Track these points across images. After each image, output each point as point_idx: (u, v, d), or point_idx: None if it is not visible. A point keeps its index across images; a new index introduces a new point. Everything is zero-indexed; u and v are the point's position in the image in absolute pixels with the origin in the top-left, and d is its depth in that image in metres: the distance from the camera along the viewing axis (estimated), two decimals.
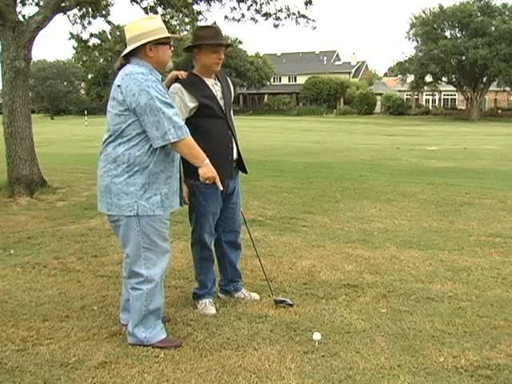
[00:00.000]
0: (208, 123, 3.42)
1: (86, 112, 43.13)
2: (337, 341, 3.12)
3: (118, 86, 2.90)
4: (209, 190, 3.39)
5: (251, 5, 10.05)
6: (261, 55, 61.90)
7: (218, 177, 3.07)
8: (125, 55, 3.01)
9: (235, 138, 3.58)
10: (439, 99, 58.03)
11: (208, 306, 3.60)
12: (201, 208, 3.50)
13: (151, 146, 2.90)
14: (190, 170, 3.21)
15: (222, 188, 3.13)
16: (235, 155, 3.60)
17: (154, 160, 2.93)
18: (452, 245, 5.20)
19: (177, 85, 3.38)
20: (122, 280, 3.46)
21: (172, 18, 10.33)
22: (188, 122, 3.33)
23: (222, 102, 3.48)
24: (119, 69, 3.00)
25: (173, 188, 3.07)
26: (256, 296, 3.81)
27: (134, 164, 2.91)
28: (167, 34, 3.00)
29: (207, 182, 3.06)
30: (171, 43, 3.06)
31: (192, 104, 3.37)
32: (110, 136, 2.96)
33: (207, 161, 3.01)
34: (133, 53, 2.97)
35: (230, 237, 3.75)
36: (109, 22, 10.81)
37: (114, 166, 2.94)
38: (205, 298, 3.65)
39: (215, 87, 3.49)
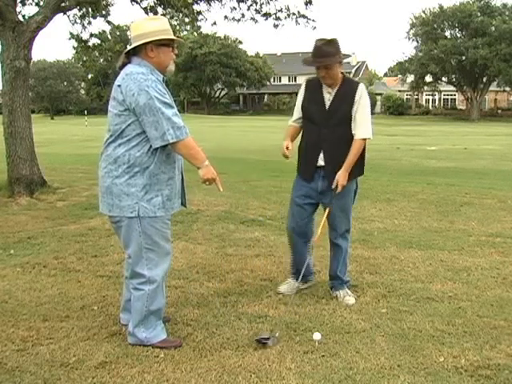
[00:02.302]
0: (305, 125, 3.76)
1: (86, 112, 43.10)
2: (337, 341, 3.12)
3: (119, 85, 2.89)
4: (296, 179, 3.86)
5: (251, 5, 10.05)
6: (261, 55, 61.91)
7: (218, 178, 3.05)
8: (127, 54, 3.00)
9: (325, 147, 3.66)
10: (439, 99, 58.05)
11: (282, 285, 3.92)
12: (291, 195, 3.92)
13: (151, 146, 2.89)
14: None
15: (221, 189, 3.11)
16: (321, 162, 3.71)
17: (154, 161, 2.92)
18: (452, 245, 5.20)
19: (304, 82, 3.80)
20: (122, 280, 3.47)
21: (172, 18, 10.33)
22: None
23: (326, 111, 3.64)
24: (121, 68, 2.99)
25: (175, 189, 3.06)
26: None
27: (134, 165, 2.91)
28: (170, 36, 2.97)
29: (207, 183, 3.04)
30: (174, 46, 3.05)
31: (300, 105, 3.75)
32: (111, 136, 2.95)
33: (207, 162, 2.99)
34: (135, 52, 2.97)
35: (330, 235, 3.93)
36: (109, 22, 10.82)
37: (114, 166, 2.93)
38: (289, 278, 3.96)
39: (326, 95, 3.67)
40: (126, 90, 2.85)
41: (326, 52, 3.50)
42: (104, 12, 10.44)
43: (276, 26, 10.30)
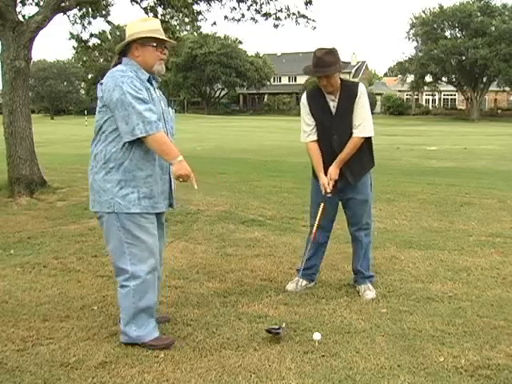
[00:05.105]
0: (319, 132, 3.83)
1: (85, 112, 43.03)
2: (337, 341, 3.12)
3: (101, 83, 2.96)
4: (313, 181, 3.97)
5: (251, 5, 10.05)
6: (261, 55, 61.90)
7: (192, 174, 2.91)
8: (120, 55, 3.05)
9: (338, 152, 3.77)
10: (439, 99, 58.05)
11: (289, 284, 4.01)
12: (311, 196, 4.06)
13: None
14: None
15: (196, 186, 2.97)
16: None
17: (129, 157, 2.92)
18: (452, 245, 5.20)
19: (304, 95, 3.90)
20: None
21: (172, 17, 10.33)
22: None
23: (334, 118, 3.76)
24: None
25: (156, 189, 3.00)
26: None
27: (109, 160, 2.93)
28: (153, 35, 2.96)
29: (180, 179, 2.92)
30: (163, 47, 3.02)
31: (310, 116, 3.81)
32: (94, 133, 3.02)
33: (180, 158, 2.88)
34: (126, 52, 3.03)
35: (351, 229, 4.09)
36: (109, 22, 10.83)
37: (94, 163, 3.00)
38: (297, 276, 4.02)
39: (331, 103, 3.77)
40: (105, 87, 2.90)
41: (328, 62, 3.62)
42: (104, 12, 10.45)
43: (276, 26, 10.30)
